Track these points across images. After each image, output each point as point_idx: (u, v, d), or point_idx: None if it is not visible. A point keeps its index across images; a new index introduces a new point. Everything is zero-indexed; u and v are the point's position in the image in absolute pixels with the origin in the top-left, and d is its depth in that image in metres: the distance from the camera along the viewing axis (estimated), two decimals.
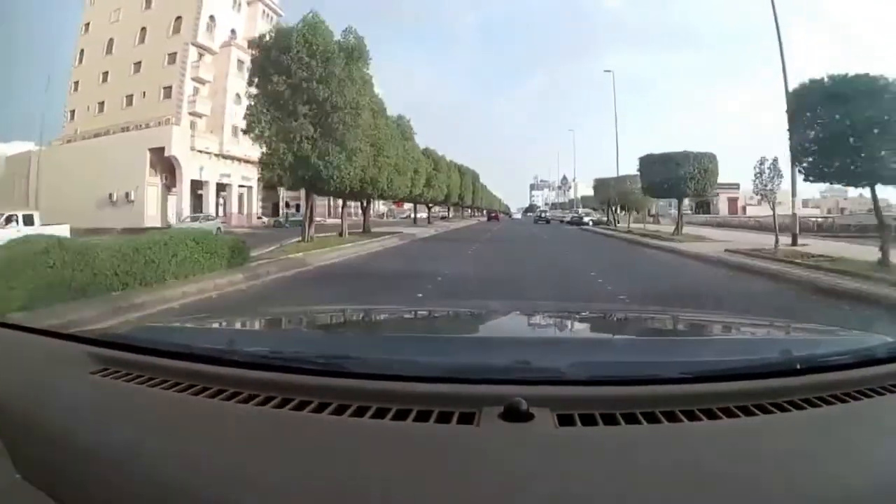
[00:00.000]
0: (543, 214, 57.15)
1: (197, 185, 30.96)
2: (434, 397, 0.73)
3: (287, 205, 60.85)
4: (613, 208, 31.15)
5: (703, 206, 48.14)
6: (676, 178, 18.31)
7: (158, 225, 25.10)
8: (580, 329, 1.49)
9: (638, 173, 22.14)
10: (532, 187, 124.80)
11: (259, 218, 36.18)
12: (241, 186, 36.16)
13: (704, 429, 0.69)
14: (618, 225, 28.68)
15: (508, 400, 0.69)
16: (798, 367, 0.84)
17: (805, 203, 56.47)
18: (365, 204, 19.92)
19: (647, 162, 20.08)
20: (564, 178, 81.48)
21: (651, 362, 0.94)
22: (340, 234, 16.58)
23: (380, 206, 63.24)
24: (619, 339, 1.33)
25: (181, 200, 30.00)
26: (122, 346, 0.98)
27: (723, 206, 53.10)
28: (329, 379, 0.79)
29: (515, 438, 0.65)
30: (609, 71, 32.97)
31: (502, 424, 0.67)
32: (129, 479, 0.63)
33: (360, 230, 18.75)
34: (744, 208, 52.38)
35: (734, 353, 1.02)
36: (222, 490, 0.59)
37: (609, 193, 29.30)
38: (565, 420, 0.69)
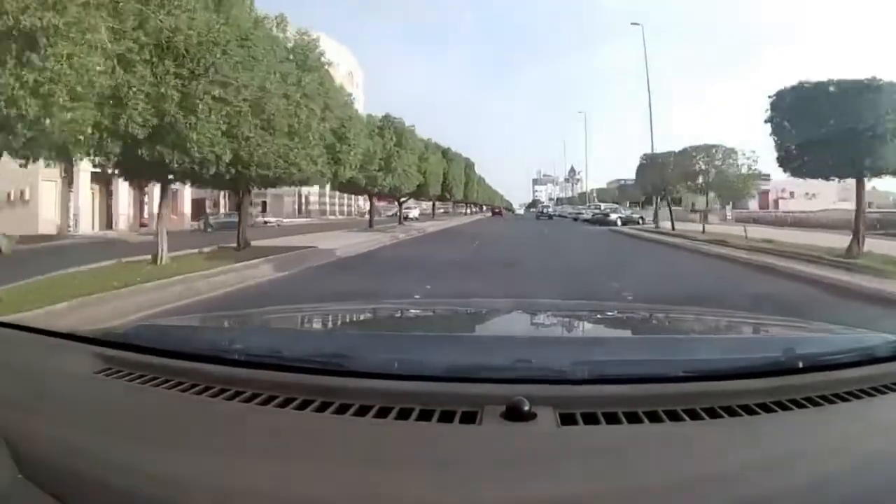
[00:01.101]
0: (545, 210, 52.76)
1: (105, 180, 24.20)
2: (436, 396, 0.75)
3: (251, 203, 49.04)
4: (662, 199, 22.56)
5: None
6: (861, 132, 8.47)
7: (54, 231, 21.23)
8: (582, 327, 1.47)
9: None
10: (535, 182, 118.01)
11: (200, 219, 29.95)
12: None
13: (706, 428, 0.70)
14: (666, 226, 20.62)
15: (511, 399, 0.70)
16: (800, 365, 0.85)
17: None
18: (241, 197, 10.22)
19: (797, 103, 9.53)
20: (572, 169, 70.74)
21: (653, 361, 0.94)
22: (155, 260, 8.36)
23: (360, 203, 53.71)
24: (622, 337, 1.35)
25: (77, 197, 24.17)
26: (124, 346, 1.00)
27: (752, 201, 42.12)
28: (331, 378, 0.81)
29: (518, 438, 0.67)
30: (637, 24, 23.38)
31: (504, 424, 0.69)
32: (132, 479, 0.64)
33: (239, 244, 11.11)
34: (776, 202, 44.92)
35: (736, 352, 1.04)
36: (225, 489, 0.61)
37: (663, 175, 19.75)
38: (567, 419, 0.70)
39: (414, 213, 38.56)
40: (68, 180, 24.13)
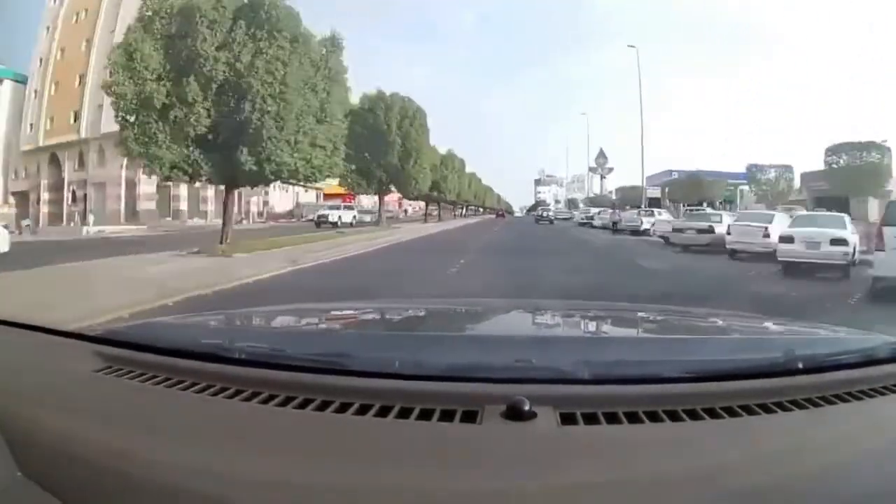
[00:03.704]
0: (546, 214, 44.50)
1: None
2: (436, 396, 0.76)
3: (73, 196, 33.35)
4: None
5: (840, 204, 21.32)
6: None
7: None
8: (583, 327, 1.47)
9: None
10: (537, 183, 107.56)
11: None
12: None
13: (707, 428, 0.71)
14: None
15: (511, 399, 0.71)
16: (800, 366, 0.85)
17: None
18: None
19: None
20: (601, 154, 49.29)
21: (654, 361, 0.95)
22: None
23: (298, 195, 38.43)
24: (622, 337, 1.37)
25: None
26: (125, 344, 1.01)
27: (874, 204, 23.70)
28: (332, 377, 0.82)
29: (518, 437, 0.68)
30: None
31: (505, 423, 0.69)
32: (132, 477, 0.65)
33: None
34: None
35: (737, 352, 1.06)
36: (225, 488, 0.61)
37: None
38: (568, 419, 0.71)
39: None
40: None
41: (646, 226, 23.51)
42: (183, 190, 29.50)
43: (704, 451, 0.66)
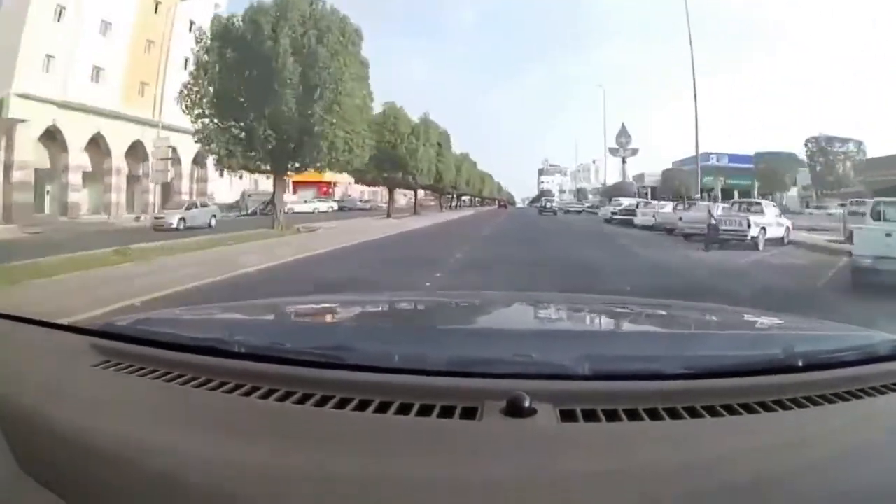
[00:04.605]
0: (549, 205, 42.66)
1: None
2: (436, 391, 0.77)
3: None
4: None
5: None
6: None
7: None
8: (584, 322, 1.51)
9: None
10: (541, 172, 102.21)
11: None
12: None
13: (706, 426, 0.72)
14: None
15: (511, 394, 0.72)
16: (801, 363, 0.86)
17: None
18: None
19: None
20: (623, 131, 41.62)
21: (654, 357, 0.95)
22: None
23: (258, 182, 33.33)
24: (623, 333, 1.36)
25: None
26: (123, 338, 1.02)
27: None
28: (332, 371, 0.82)
29: (517, 434, 0.69)
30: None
31: (504, 419, 0.70)
32: (131, 472, 0.66)
33: None
34: None
35: (737, 349, 1.06)
36: (224, 483, 0.62)
37: None
38: (567, 416, 0.72)
39: None
40: None
41: (753, 232, 12.94)
42: (76, 176, 24.20)
43: (703, 449, 0.67)
